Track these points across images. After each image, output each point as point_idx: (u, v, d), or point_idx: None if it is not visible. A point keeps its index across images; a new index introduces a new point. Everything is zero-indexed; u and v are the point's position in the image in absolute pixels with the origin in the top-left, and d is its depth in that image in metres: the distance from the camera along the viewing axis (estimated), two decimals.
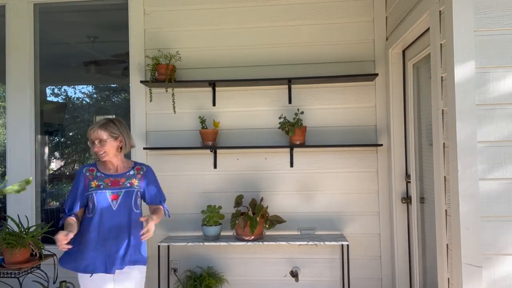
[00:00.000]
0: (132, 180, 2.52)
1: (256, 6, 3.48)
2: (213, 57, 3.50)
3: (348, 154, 3.40)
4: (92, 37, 4.42)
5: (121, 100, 4.95)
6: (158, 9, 3.54)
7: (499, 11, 2.00)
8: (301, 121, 3.27)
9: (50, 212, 4.10)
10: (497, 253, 1.96)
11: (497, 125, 1.98)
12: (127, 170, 2.54)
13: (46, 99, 4.83)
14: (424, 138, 2.89)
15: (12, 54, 3.62)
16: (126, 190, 2.48)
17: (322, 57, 3.43)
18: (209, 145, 3.34)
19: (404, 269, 3.23)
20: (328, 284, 3.38)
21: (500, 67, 1.99)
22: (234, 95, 3.46)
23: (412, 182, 3.08)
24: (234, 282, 3.41)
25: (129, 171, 2.54)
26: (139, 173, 2.56)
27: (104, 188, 2.46)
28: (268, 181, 3.44)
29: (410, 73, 3.13)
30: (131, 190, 2.49)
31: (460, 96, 1.98)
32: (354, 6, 3.42)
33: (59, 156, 4.95)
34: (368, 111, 3.39)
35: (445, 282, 2.15)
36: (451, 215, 2.06)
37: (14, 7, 3.63)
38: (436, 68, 2.22)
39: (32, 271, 3.11)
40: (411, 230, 3.13)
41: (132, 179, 2.52)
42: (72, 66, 4.82)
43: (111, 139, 2.45)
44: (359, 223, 3.38)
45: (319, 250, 3.38)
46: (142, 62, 3.52)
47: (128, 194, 2.48)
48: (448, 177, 2.12)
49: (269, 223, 3.17)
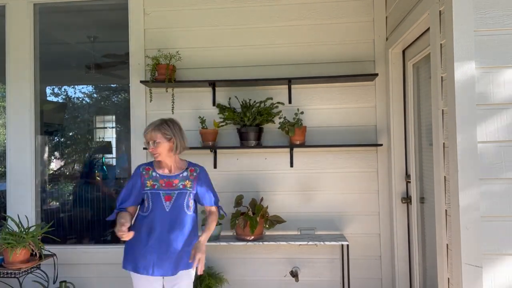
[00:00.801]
0: (185, 181, 2.53)
1: (256, 6, 3.48)
2: (213, 57, 3.50)
3: (348, 154, 3.40)
4: (92, 37, 4.42)
5: (121, 100, 4.95)
6: (158, 9, 3.54)
7: (499, 11, 2.00)
8: (301, 121, 3.27)
9: (50, 212, 4.10)
10: (497, 253, 1.96)
11: (497, 125, 1.98)
12: (180, 171, 2.55)
13: (46, 99, 4.82)
14: (424, 138, 2.89)
15: (12, 54, 3.62)
16: (179, 191, 2.49)
17: (322, 57, 3.43)
18: (209, 145, 3.34)
19: (404, 269, 3.23)
20: (328, 284, 3.38)
21: (500, 67, 1.99)
22: (234, 95, 3.45)
23: (412, 182, 3.08)
24: (234, 282, 3.42)
25: (183, 172, 2.55)
26: (192, 174, 2.56)
27: (158, 189, 2.49)
28: (268, 181, 3.44)
29: (410, 73, 3.13)
30: (183, 192, 2.50)
31: (460, 96, 1.98)
32: (354, 6, 3.42)
33: (59, 156, 4.95)
34: (368, 111, 3.39)
35: (445, 282, 2.15)
36: (451, 215, 2.06)
37: (14, 7, 3.63)
38: (436, 68, 2.22)
39: (32, 271, 3.11)
40: (411, 230, 3.13)
41: (185, 181, 2.53)
42: (72, 66, 4.82)
43: (164, 140, 2.47)
44: (359, 223, 3.38)
45: (319, 250, 3.38)
46: (142, 62, 3.52)
47: (181, 195, 2.49)
48: (448, 177, 2.12)
49: (269, 223, 3.17)
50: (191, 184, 2.54)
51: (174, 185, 2.50)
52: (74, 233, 4.15)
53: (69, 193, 4.40)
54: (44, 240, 3.30)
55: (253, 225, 3.06)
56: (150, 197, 2.48)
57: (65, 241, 3.93)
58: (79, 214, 4.28)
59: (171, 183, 2.51)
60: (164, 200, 2.47)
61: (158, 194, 2.48)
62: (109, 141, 6.09)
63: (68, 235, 4.10)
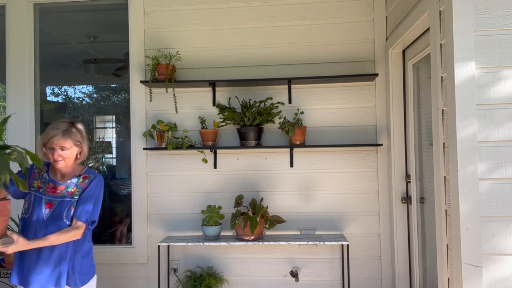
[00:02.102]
0: (72, 188, 2.29)
1: (256, 6, 3.48)
2: (213, 57, 3.50)
3: (348, 154, 3.40)
4: (92, 37, 4.42)
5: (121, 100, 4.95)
6: (158, 9, 3.54)
7: (499, 11, 2.00)
8: (301, 121, 3.27)
9: None
10: (497, 253, 1.96)
11: (497, 125, 1.98)
12: (71, 178, 2.32)
13: (46, 99, 4.83)
14: (424, 138, 2.89)
15: (12, 54, 3.62)
16: (61, 200, 2.26)
17: (322, 57, 3.43)
18: (209, 145, 3.34)
19: (404, 269, 3.23)
20: (328, 284, 3.38)
21: (500, 67, 1.99)
22: (234, 95, 3.45)
23: (412, 182, 3.08)
24: (234, 282, 3.42)
25: (73, 179, 2.32)
26: (83, 181, 2.32)
27: (42, 193, 2.27)
28: (268, 181, 3.44)
29: (410, 73, 3.13)
30: (66, 200, 2.26)
31: (460, 96, 1.98)
32: (354, 6, 3.42)
33: None
34: (368, 111, 3.39)
35: (445, 282, 2.15)
36: (451, 215, 2.06)
37: (14, 7, 3.63)
38: (436, 68, 2.22)
39: None
40: (411, 230, 3.13)
41: (72, 188, 2.29)
42: (72, 66, 4.82)
43: (73, 148, 2.29)
44: (359, 223, 3.38)
45: (319, 250, 3.38)
46: (142, 62, 3.52)
47: (62, 204, 2.25)
48: (448, 177, 2.12)
49: (269, 223, 3.17)
50: (78, 192, 2.29)
51: (58, 192, 2.27)
52: None
53: None
54: None
55: (253, 225, 3.06)
56: (32, 199, 2.27)
57: None
58: None
59: (56, 189, 2.28)
60: (45, 207, 2.25)
61: (40, 199, 2.26)
62: (109, 141, 6.10)
63: None
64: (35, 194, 2.28)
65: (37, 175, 2.33)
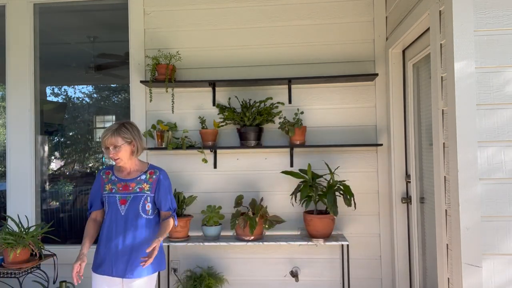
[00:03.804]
0: (142, 184, 2.50)
1: (256, 6, 3.48)
2: (213, 57, 3.50)
3: (348, 154, 3.40)
4: (92, 37, 4.42)
5: (121, 100, 4.95)
6: (158, 9, 3.54)
7: (499, 11, 2.01)
8: (301, 121, 3.27)
9: (50, 212, 4.10)
10: (497, 253, 1.96)
11: (497, 125, 1.98)
12: (139, 174, 2.52)
13: (46, 99, 4.83)
14: (424, 138, 2.89)
15: (12, 54, 3.62)
16: (135, 195, 2.47)
17: (322, 57, 3.43)
18: (209, 145, 3.34)
19: (404, 269, 3.23)
20: (328, 284, 3.38)
21: (500, 67, 2.00)
22: (234, 95, 3.45)
23: (412, 182, 3.08)
24: (234, 282, 3.42)
25: (141, 175, 2.52)
26: (151, 177, 2.53)
27: (115, 193, 2.48)
28: (268, 181, 3.44)
29: (410, 73, 3.13)
30: (139, 195, 2.48)
31: (460, 96, 1.98)
32: (354, 6, 3.42)
33: (59, 156, 4.95)
34: (368, 111, 3.39)
35: (445, 282, 2.15)
36: (451, 215, 2.06)
37: (14, 7, 3.64)
38: (436, 68, 2.22)
39: (32, 271, 3.11)
40: (411, 230, 3.13)
41: (143, 184, 2.50)
42: (72, 66, 4.82)
43: (125, 144, 2.44)
44: (359, 223, 3.38)
45: (319, 250, 3.38)
46: (142, 62, 3.52)
47: (136, 199, 2.47)
48: (448, 177, 2.12)
49: (268, 223, 3.17)
50: (149, 187, 2.51)
51: (130, 189, 2.49)
52: (74, 233, 4.14)
53: (69, 193, 4.40)
54: (44, 240, 3.30)
55: (252, 225, 3.06)
56: (107, 200, 2.50)
57: (65, 241, 3.93)
58: (79, 214, 4.28)
59: (128, 187, 2.49)
60: (120, 203, 2.47)
61: (114, 198, 2.48)
62: None
63: (68, 235, 4.10)
64: (109, 196, 2.50)
65: (106, 180, 2.54)
